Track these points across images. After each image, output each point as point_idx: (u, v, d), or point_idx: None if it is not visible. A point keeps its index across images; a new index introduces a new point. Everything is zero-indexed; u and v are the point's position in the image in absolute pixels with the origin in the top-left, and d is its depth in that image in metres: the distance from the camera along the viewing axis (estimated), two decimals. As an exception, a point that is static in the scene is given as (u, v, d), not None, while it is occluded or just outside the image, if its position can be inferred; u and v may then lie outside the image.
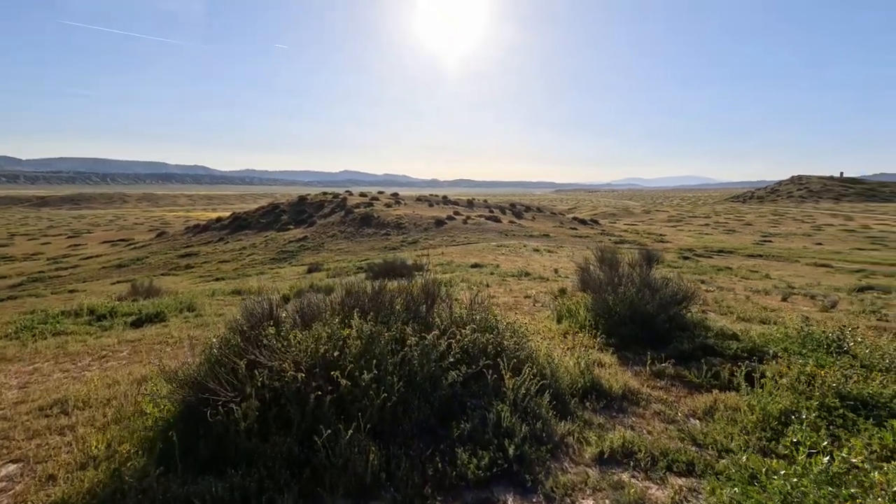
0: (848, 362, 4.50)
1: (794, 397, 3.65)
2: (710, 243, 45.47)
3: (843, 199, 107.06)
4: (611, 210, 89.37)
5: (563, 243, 38.57)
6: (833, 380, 3.77)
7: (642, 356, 5.34)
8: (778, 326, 6.66)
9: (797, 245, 46.55)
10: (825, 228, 58.13)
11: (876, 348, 4.91)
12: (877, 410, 3.47)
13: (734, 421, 3.59)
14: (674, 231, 58.61)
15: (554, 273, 18.74)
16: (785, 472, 2.56)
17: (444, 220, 41.73)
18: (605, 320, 6.09)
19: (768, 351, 5.13)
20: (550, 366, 4.11)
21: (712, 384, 4.38)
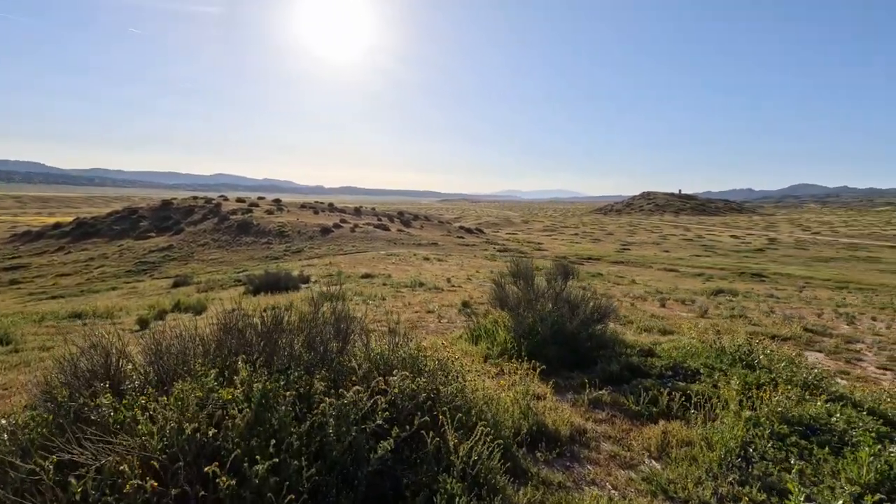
0: (766, 377, 4.51)
1: (747, 427, 3.41)
2: (581, 251, 49.58)
3: (681, 212, 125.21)
4: (493, 220, 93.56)
5: (451, 252, 38.95)
6: (776, 403, 3.63)
7: (572, 381, 4.94)
8: (681, 338, 6.81)
9: (650, 252, 52.81)
10: (670, 238, 66.98)
11: (780, 359, 5.08)
12: (825, 435, 3.35)
13: (695, 460, 3.22)
14: (550, 240, 63.02)
15: (447, 282, 18.42)
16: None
17: (331, 228, 39.75)
18: (528, 341, 5.63)
19: (690, 367, 5.05)
20: (491, 410, 3.43)
21: (653, 412, 4.07)
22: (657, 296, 14.77)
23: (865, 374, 5.69)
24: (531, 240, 60.75)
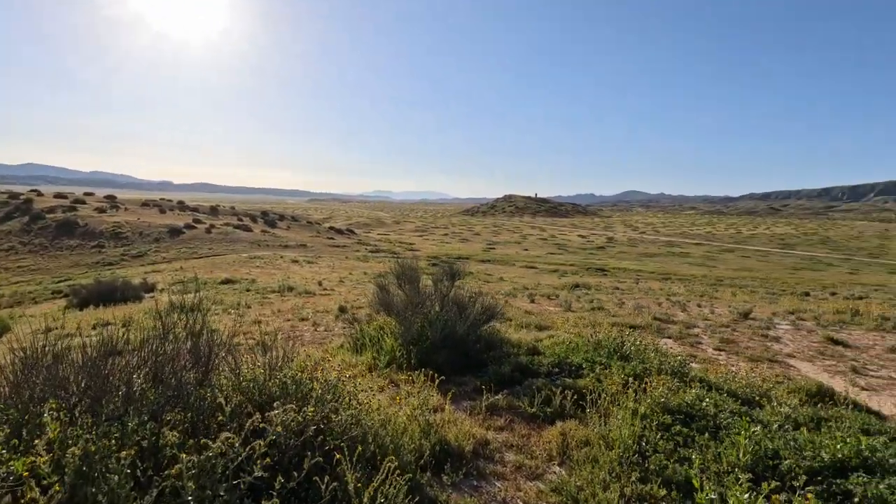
0: (640, 367, 4.82)
1: (637, 421, 3.51)
2: (451, 251, 51.26)
3: (537, 214, 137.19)
4: (365, 220, 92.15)
5: (321, 253, 37.25)
6: (659, 394, 3.83)
7: (465, 386, 4.76)
8: (559, 333, 7.11)
9: (512, 251, 56.70)
10: (529, 237, 72.76)
11: (646, 349, 5.51)
12: (701, 421, 3.59)
13: (596, 461, 3.21)
14: (421, 240, 64.05)
15: (319, 286, 17.39)
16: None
17: (182, 229, 35.22)
18: (417, 348, 5.32)
19: (573, 362, 5.20)
20: (389, 433, 3.03)
21: (548, 413, 4.04)
22: (525, 292, 15.65)
23: (707, 356, 6.50)
24: (403, 240, 61.08)
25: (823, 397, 4.68)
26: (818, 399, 4.63)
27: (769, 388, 4.69)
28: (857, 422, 3.88)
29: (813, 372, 5.89)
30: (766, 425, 3.50)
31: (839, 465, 3.04)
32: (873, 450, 3.15)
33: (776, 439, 3.19)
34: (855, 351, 7.00)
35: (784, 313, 10.28)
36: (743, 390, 4.45)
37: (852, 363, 6.23)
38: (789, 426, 3.65)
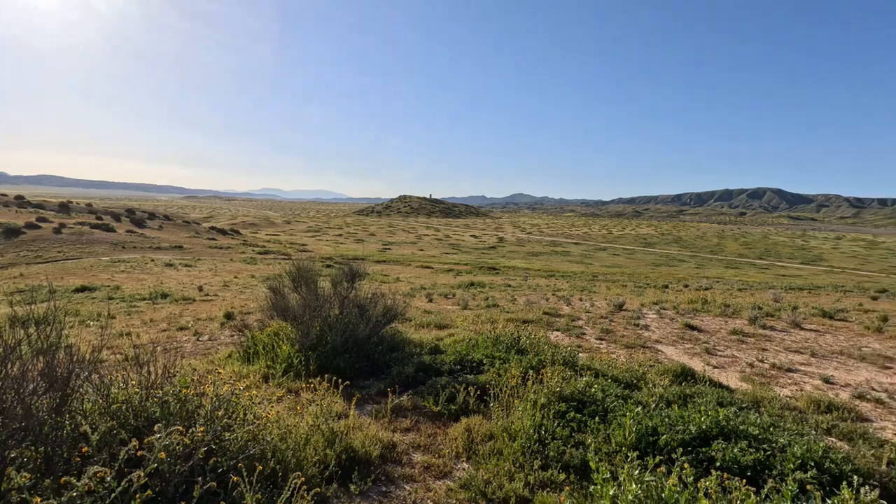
0: (536, 360, 5.10)
1: (537, 411, 3.70)
2: (346, 251, 50.04)
3: (432, 215, 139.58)
4: (251, 220, 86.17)
5: (201, 256, 34.10)
6: (555, 384, 4.06)
7: (369, 390, 4.64)
8: (459, 331, 7.26)
9: (408, 251, 57.03)
10: (424, 237, 73.73)
11: (540, 342, 5.85)
12: (592, 406, 3.88)
13: (501, 453, 3.31)
14: (314, 241, 61.60)
15: (200, 292, 15.89)
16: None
17: (23, 229, 29.96)
18: (316, 353, 5.06)
19: (474, 359, 5.34)
20: (290, 446, 2.82)
21: (453, 410, 4.09)
22: (423, 292, 15.80)
23: (591, 346, 7.08)
24: (295, 241, 58.24)
25: (686, 376, 5.35)
26: (682, 378, 5.28)
27: (644, 372, 5.24)
28: (713, 396, 4.49)
29: (676, 354, 6.71)
30: (645, 406, 3.90)
31: (703, 436, 3.48)
32: (728, 419, 3.66)
33: (654, 417, 3.56)
34: (706, 334, 8.12)
35: (650, 304, 11.60)
36: (623, 375, 4.92)
37: (705, 345, 7.22)
38: (663, 404, 4.11)
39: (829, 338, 8.14)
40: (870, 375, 5.94)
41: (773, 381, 5.57)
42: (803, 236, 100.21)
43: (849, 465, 3.22)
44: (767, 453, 3.28)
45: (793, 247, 76.67)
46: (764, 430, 3.62)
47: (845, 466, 3.19)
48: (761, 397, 4.73)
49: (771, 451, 3.30)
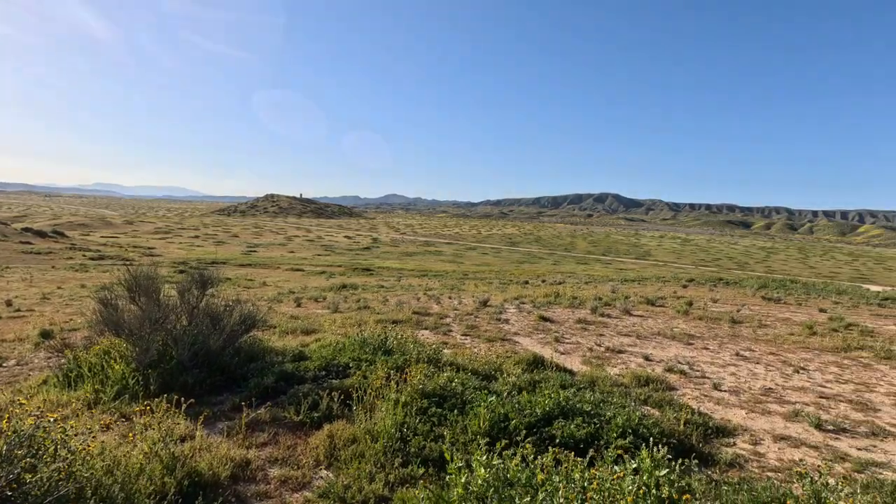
0: (402, 359, 5.19)
1: (399, 410, 3.77)
2: (203, 255, 45.47)
3: (303, 215, 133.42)
4: (81, 220, 73.64)
5: (11, 263, 28.32)
6: (417, 381, 4.18)
7: (223, 406, 4.29)
8: (326, 335, 7.06)
9: (277, 254, 53.86)
10: (294, 239, 70.24)
11: (406, 341, 5.97)
12: (453, 400, 4.07)
13: (363, 456, 3.31)
14: (164, 243, 54.87)
15: (7, 307, 13.16)
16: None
17: None
18: (158, 371, 4.52)
19: (341, 363, 5.25)
20: (118, 479, 2.49)
21: (316, 418, 3.97)
22: (291, 296, 15.06)
23: (456, 342, 7.42)
24: (139, 244, 51.26)
25: (538, 364, 5.90)
26: (534, 366, 5.81)
27: (502, 363, 5.66)
28: (558, 380, 5.02)
29: (531, 345, 7.35)
30: (499, 394, 4.21)
31: (547, 416, 3.88)
32: (567, 400, 4.12)
33: (506, 405, 3.86)
34: (557, 325, 9.03)
35: (511, 299, 12.53)
36: (483, 367, 5.25)
37: (555, 334, 8.02)
38: (515, 392, 4.48)
39: (651, 321, 9.62)
40: (678, 351, 7.15)
41: (607, 363, 6.40)
42: (636, 235, 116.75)
43: (657, 429, 3.84)
44: (597, 426, 3.77)
45: (628, 244, 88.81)
46: (596, 406, 4.15)
47: (654, 430, 3.80)
48: (596, 377, 5.41)
49: (600, 424, 3.80)
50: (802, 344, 7.90)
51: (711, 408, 4.77)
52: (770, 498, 2.75)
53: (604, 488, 2.27)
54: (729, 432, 4.16)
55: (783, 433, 4.18)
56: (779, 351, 7.37)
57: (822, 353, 7.34)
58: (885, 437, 4.16)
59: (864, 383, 5.78)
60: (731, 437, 4.08)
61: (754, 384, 5.60)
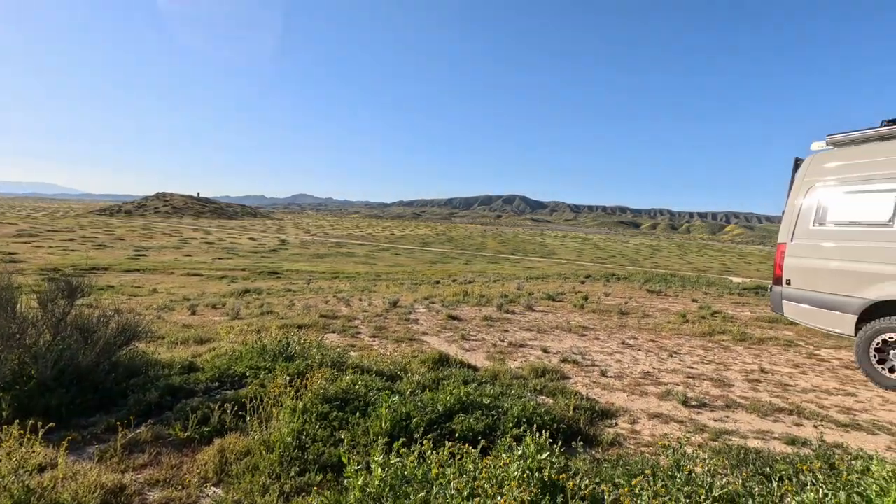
0: (304, 365, 5.03)
1: (297, 417, 3.65)
2: (80, 261, 40.35)
3: (201, 215, 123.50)
4: (-85, 220, 61.91)
5: None
6: (318, 386, 4.08)
7: (95, 428, 3.85)
8: (222, 344, 6.63)
9: (170, 258, 49.42)
10: (191, 241, 64.92)
11: (310, 346, 5.79)
12: (356, 403, 4.03)
13: (257, 468, 3.16)
14: (30, 248, 47.91)
15: None
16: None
17: None
18: (14, 393, 3.95)
19: (236, 372, 4.97)
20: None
21: (206, 433, 3.72)
22: (186, 303, 13.90)
23: (364, 344, 7.34)
24: (-4, 248, 44.22)
25: (443, 362, 6.03)
26: (440, 364, 5.93)
27: (407, 363, 5.70)
28: (461, 376, 5.17)
29: (438, 343, 7.48)
30: (402, 394, 4.24)
31: (448, 412, 3.98)
32: (468, 395, 4.26)
33: (408, 404, 3.91)
34: (464, 322, 9.28)
35: (421, 299, 12.65)
36: (388, 368, 5.25)
37: (462, 332, 8.24)
38: (419, 390, 4.54)
39: (551, 316, 10.24)
40: (573, 342, 7.69)
41: (509, 357, 6.71)
42: (542, 235, 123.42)
43: (549, 416, 4.10)
44: (495, 418, 3.95)
45: (535, 244, 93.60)
46: (495, 399, 4.33)
47: (547, 417, 4.05)
48: (498, 371, 5.65)
49: (497, 416, 3.98)
50: (677, 331, 8.88)
51: (598, 393, 5.21)
52: (640, 470, 3.07)
53: (492, 475, 2.40)
54: (612, 414, 4.57)
55: (657, 411, 4.68)
56: (658, 338, 8.21)
57: (692, 338, 8.30)
58: (735, 409, 4.81)
59: (723, 363, 6.64)
60: (613, 419, 4.47)
61: (635, 369, 6.19)
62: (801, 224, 6.73)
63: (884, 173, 5.89)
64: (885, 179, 5.85)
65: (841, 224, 6.27)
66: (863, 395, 5.41)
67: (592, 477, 3.03)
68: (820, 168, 6.68)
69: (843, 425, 4.47)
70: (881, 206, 5.83)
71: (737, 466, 3.32)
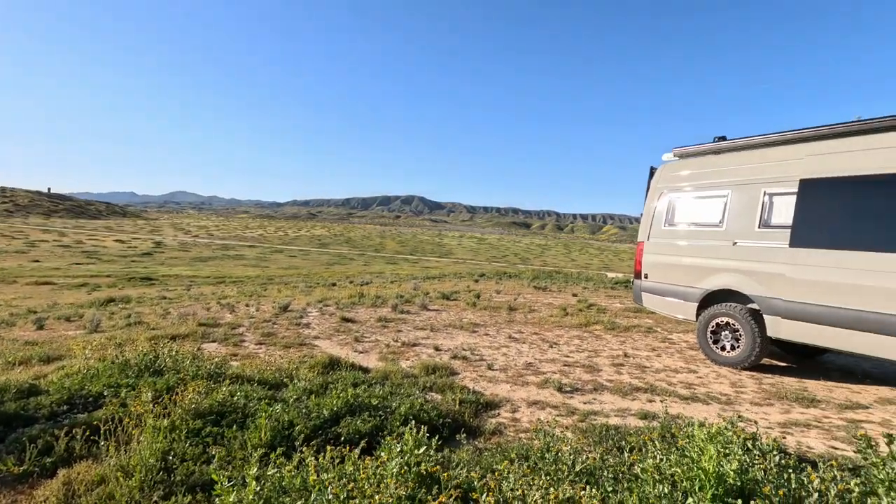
0: (175, 379, 4.61)
1: (164, 436, 3.34)
2: None
3: (53, 214, 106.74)
4: None
5: None
6: (189, 401, 3.76)
7: None
8: (74, 362, 5.83)
9: (13, 264, 42.27)
10: (40, 245, 56.08)
11: (184, 358, 5.32)
12: (233, 415, 3.78)
13: (112, 497, 2.83)
14: None
15: None
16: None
17: None
18: None
19: (91, 392, 4.40)
20: None
21: (48, 465, 3.24)
22: (30, 317, 11.98)
23: (248, 352, 6.92)
24: None
25: (334, 366, 5.90)
26: (330, 368, 5.79)
27: (296, 369, 5.49)
28: (351, 379, 5.11)
29: (330, 347, 7.30)
30: (286, 402, 4.08)
31: (335, 416, 3.91)
32: (356, 397, 4.23)
33: (291, 411, 3.77)
34: (358, 324, 9.16)
35: (315, 302, 12.24)
36: (273, 376, 5.01)
37: (356, 334, 8.13)
38: (305, 396, 4.40)
39: (445, 314, 10.51)
40: (464, 339, 7.97)
41: (402, 356, 6.77)
42: (440, 235, 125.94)
43: (436, 412, 4.22)
44: (382, 418, 3.96)
45: (433, 244, 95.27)
46: (383, 400, 4.35)
47: (434, 413, 4.17)
48: (389, 371, 5.67)
49: (385, 416, 4.00)
50: (558, 323, 9.62)
51: (485, 385, 5.47)
52: (517, 455, 3.29)
53: (371, 475, 2.41)
54: (496, 405, 4.83)
55: (535, 399, 5.04)
56: (541, 331, 8.83)
57: (570, 329, 9.06)
58: (602, 391, 5.36)
59: (595, 350, 7.35)
60: (497, 409, 4.73)
61: (519, 361, 6.61)
62: (656, 225, 7.70)
63: (715, 182, 6.96)
64: (717, 187, 6.91)
65: (685, 225, 7.28)
66: (702, 372, 6.33)
67: (473, 466, 3.19)
68: (668, 176, 7.69)
69: (685, 398, 5.20)
70: (714, 210, 6.87)
71: (598, 443, 3.71)
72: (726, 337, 6.59)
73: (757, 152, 6.58)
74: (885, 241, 4.99)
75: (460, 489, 2.42)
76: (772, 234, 6.09)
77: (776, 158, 6.28)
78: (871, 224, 5.15)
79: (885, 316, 4.91)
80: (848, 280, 5.23)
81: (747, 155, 6.70)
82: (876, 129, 5.34)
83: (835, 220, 5.46)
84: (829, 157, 5.68)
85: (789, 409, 4.99)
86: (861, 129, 5.47)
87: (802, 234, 5.71)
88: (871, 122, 5.38)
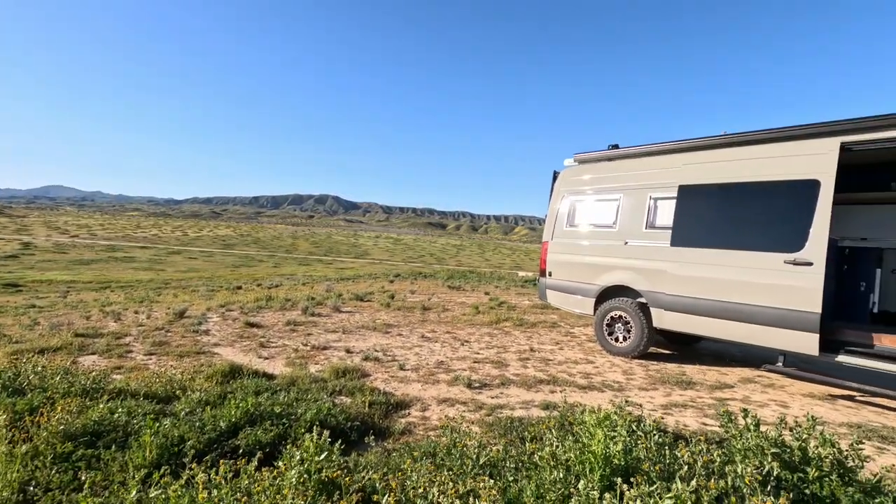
0: (40, 398, 4.05)
1: (24, 463, 2.92)
2: None
3: None
4: None
5: None
6: (57, 422, 3.32)
7: None
8: None
9: None
10: None
11: (54, 373, 4.69)
12: (113, 434, 3.40)
13: (-48, 541, 2.42)
14: None
15: None
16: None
17: None
18: None
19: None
20: None
21: None
22: None
23: (136, 364, 6.27)
24: None
25: (235, 374, 5.53)
26: (231, 377, 5.43)
27: (188, 380, 5.07)
28: (253, 387, 4.83)
29: (232, 354, 6.84)
30: (177, 416, 3.76)
31: (234, 428, 3.67)
32: (258, 406, 4.00)
33: (182, 426, 3.47)
34: (265, 329, 8.69)
35: (217, 307, 11.41)
36: (163, 388, 4.59)
37: (261, 340, 7.70)
38: (199, 409, 4.08)
39: (358, 316, 10.32)
40: (377, 340, 7.88)
41: (311, 360, 6.53)
42: (355, 236, 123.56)
43: (345, 416, 4.12)
44: (286, 426, 3.79)
45: (349, 244, 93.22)
46: (288, 407, 4.16)
47: (342, 417, 4.07)
48: (297, 376, 5.44)
49: (289, 423, 3.83)
50: (470, 321, 9.86)
51: (396, 386, 5.45)
52: (423, 453, 3.31)
53: (268, 487, 2.29)
54: (406, 405, 4.82)
55: (446, 396, 5.12)
56: (454, 329, 8.99)
57: (481, 327, 9.32)
58: (509, 385, 5.57)
59: (503, 346, 7.63)
60: (407, 409, 4.73)
61: (431, 360, 6.67)
62: (559, 225, 8.18)
63: (610, 186, 7.55)
64: (611, 191, 7.50)
65: (584, 226, 7.81)
66: (598, 362, 6.83)
67: (380, 467, 3.15)
68: (570, 180, 8.22)
69: (583, 388, 5.58)
70: (609, 212, 7.46)
71: (503, 435, 3.85)
72: (619, 329, 7.18)
73: (644, 160, 7.25)
74: (736, 240, 5.78)
75: (363, 492, 2.38)
76: (656, 234, 6.74)
77: (659, 166, 6.96)
78: (727, 225, 5.92)
79: (737, 305, 5.67)
80: (711, 275, 5.97)
81: (636, 162, 7.35)
82: (734, 143, 6.14)
83: (702, 222, 6.20)
84: (698, 167, 6.42)
85: (670, 391, 5.56)
86: (723, 143, 6.25)
87: (680, 234, 6.39)
88: (732, 136, 6.17)
